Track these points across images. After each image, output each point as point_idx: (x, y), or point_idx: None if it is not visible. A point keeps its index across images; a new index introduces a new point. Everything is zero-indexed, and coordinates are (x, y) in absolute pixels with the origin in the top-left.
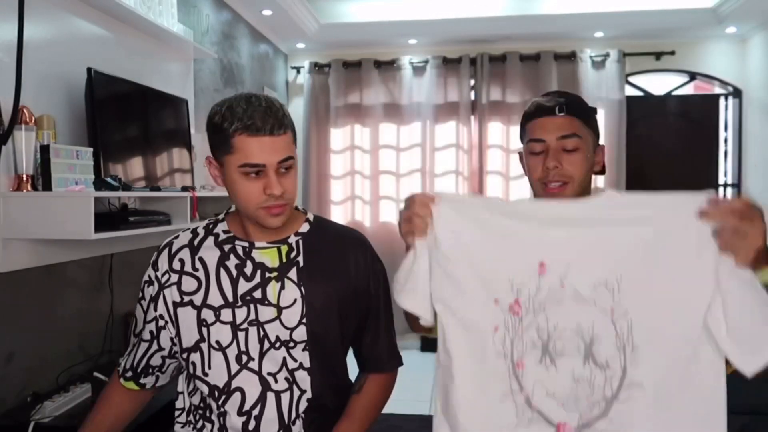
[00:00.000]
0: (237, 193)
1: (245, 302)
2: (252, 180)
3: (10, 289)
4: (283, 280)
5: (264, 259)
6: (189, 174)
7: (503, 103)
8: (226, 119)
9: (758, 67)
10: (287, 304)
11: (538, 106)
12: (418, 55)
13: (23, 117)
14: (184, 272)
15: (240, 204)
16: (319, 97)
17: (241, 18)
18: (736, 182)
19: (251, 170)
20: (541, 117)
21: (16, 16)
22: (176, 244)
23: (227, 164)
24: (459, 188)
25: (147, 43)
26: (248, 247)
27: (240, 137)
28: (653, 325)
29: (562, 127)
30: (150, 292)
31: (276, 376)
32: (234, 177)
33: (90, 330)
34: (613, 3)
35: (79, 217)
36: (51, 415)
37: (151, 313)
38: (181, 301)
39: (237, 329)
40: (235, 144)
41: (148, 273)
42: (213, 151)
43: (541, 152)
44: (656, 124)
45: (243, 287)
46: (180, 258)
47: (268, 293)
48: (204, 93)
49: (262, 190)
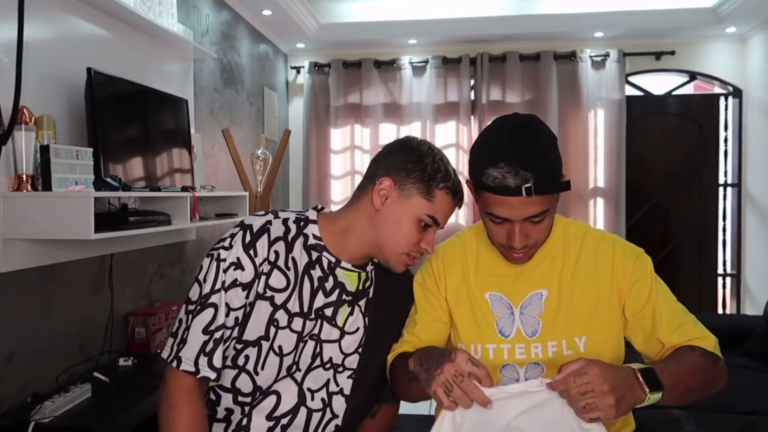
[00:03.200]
0: (399, 231)
1: (317, 316)
2: (419, 230)
3: (10, 289)
4: (354, 306)
5: (345, 281)
6: (189, 174)
7: (503, 103)
8: (440, 171)
9: (758, 67)
10: (351, 330)
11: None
12: (418, 55)
13: (23, 117)
14: (277, 265)
15: (391, 241)
16: (319, 97)
17: (241, 18)
18: (736, 182)
19: (430, 222)
20: (503, 196)
21: (16, 16)
22: (273, 232)
23: (413, 203)
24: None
25: (147, 43)
26: (334, 263)
27: (445, 196)
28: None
29: (530, 209)
30: (240, 276)
31: (314, 394)
32: (409, 217)
33: (90, 330)
34: (613, 3)
35: (79, 217)
36: (51, 415)
37: (241, 299)
38: (264, 294)
39: (300, 340)
40: (437, 197)
41: (237, 255)
42: (403, 176)
43: (502, 223)
44: (656, 124)
45: (319, 301)
46: (276, 249)
47: (338, 315)
48: (204, 93)
49: (419, 241)
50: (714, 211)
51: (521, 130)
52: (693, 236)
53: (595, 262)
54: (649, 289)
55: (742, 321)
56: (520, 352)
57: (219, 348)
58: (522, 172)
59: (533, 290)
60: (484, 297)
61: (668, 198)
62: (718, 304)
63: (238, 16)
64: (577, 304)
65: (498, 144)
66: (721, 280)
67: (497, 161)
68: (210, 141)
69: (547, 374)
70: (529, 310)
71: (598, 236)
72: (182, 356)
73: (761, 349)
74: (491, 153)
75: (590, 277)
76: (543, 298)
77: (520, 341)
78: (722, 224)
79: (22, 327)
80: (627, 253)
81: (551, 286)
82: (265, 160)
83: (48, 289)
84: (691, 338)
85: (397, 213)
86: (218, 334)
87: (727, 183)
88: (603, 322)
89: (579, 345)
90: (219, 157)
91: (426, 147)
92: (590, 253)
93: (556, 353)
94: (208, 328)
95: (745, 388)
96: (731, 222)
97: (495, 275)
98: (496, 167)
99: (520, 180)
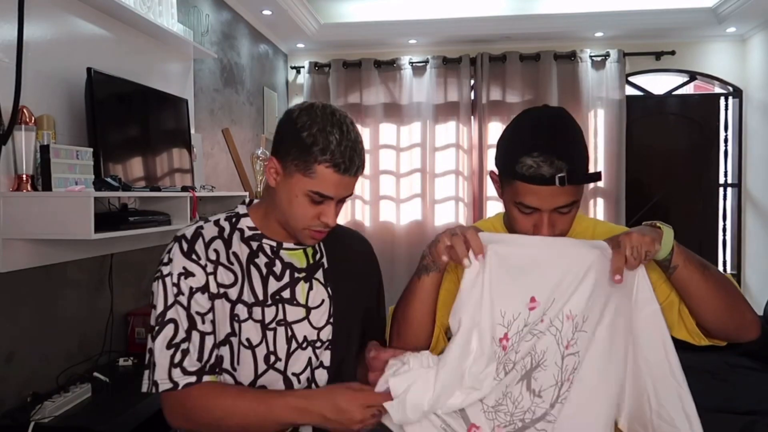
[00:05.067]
0: (292, 209)
1: (275, 301)
2: (313, 205)
3: (10, 289)
4: (311, 281)
5: (292, 260)
6: (189, 174)
7: (503, 103)
8: (316, 144)
9: (758, 67)
10: (316, 304)
11: (535, 174)
12: (418, 55)
13: (23, 117)
14: (220, 263)
15: (289, 218)
16: (319, 97)
17: (241, 18)
18: (736, 182)
19: (319, 198)
20: (536, 185)
21: (16, 16)
22: (207, 234)
23: (297, 181)
24: (459, 188)
25: (147, 43)
26: (276, 247)
27: (326, 170)
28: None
29: (561, 199)
30: (194, 282)
31: (300, 376)
32: (297, 194)
33: (90, 330)
34: (613, 3)
35: (79, 217)
36: (51, 415)
37: (206, 302)
38: (218, 293)
39: (266, 328)
40: (317, 171)
41: (182, 265)
42: (283, 154)
43: (531, 213)
44: (656, 123)
45: (273, 286)
46: (215, 248)
47: (297, 293)
48: (204, 93)
49: (317, 216)
50: (714, 211)
51: (554, 120)
52: (693, 236)
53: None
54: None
55: None
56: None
57: (188, 356)
58: (557, 161)
59: None
60: None
61: (668, 198)
62: None
63: (238, 16)
64: None
65: (531, 134)
66: None
67: (531, 150)
68: (210, 141)
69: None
70: None
71: (606, 230)
72: (157, 380)
73: (761, 349)
74: (525, 143)
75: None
76: None
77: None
78: (722, 224)
79: (23, 327)
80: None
81: None
82: (265, 160)
83: (48, 289)
84: None
85: (286, 190)
86: (184, 345)
87: (727, 183)
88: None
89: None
90: (219, 157)
91: (306, 117)
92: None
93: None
94: (171, 342)
95: (745, 388)
96: (731, 222)
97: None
98: (531, 156)
99: (555, 169)
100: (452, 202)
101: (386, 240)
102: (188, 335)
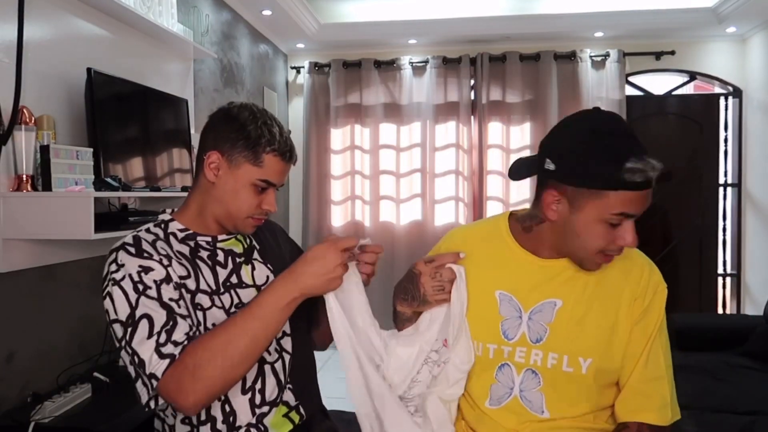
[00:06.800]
0: (237, 200)
1: (226, 288)
2: (257, 194)
3: (10, 289)
4: (251, 262)
5: (231, 248)
6: (189, 174)
7: (503, 103)
8: (263, 136)
9: (758, 67)
10: (262, 281)
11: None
12: (418, 55)
13: (23, 117)
14: (171, 257)
15: (233, 209)
16: (319, 97)
17: (241, 18)
18: (736, 182)
19: (264, 186)
20: (641, 190)
21: (16, 16)
22: (146, 238)
23: (245, 172)
24: (459, 188)
25: (147, 43)
26: (212, 241)
27: (273, 158)
28: None
29: (648, 201)
30: (156, 276)
31: (269, 349)
32: (243, 184)
33: (90, 330)
34: (613, 3)
35: (79, 217)
36: (51, 416)
37: (171, 292)
38: (179, 284)
39: (228, 314)
40: (265, 161)
41: (137, 263)
42: (228, 148)
43: (617, 225)
44: (656, 123)
45: (222, 274)
46: (161, 247)
47: (243, 276)
48: (204, 93)
49: (259, 204)
50: (714, 211)
51: (621, 122)
52: (693, 236)
53: (620, 285)
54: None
55: (742, 321)
56: (520, 355)
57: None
58: (652, 162)
59: (547, 298)
60: (493, 294)
61: (668, 198)
62: (718, 304)
63: (238, 16)
64: (591, 323)
65: (619, 140)
66: (721, 280)
67: (628, 156)
68: None
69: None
70: (538, 317)
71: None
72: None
73: (761, 349)
74: (617, 149)
75: (611, 297)
76: (556, 307)
77: (523, 345)
78: (722, 224)
79: (23, 327)
80: (656, 281)
81: (567, 298)
82: None
83: (48, 289)
84: (646, 410)
85: (231, 183)
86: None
87: (727, 183)
88: (613, 349)
89: (582, 366)
90: None
91: (247, 113)
92: (617, 272)
93: (555, 366)
94: (152, 332)
95: (745, 388)
96: (731, 222)
97: (512, 274)
98: (631, 161)
99: (654, 171)
100: (452, 202)
101: (386, 240)
102: (168, 320)
